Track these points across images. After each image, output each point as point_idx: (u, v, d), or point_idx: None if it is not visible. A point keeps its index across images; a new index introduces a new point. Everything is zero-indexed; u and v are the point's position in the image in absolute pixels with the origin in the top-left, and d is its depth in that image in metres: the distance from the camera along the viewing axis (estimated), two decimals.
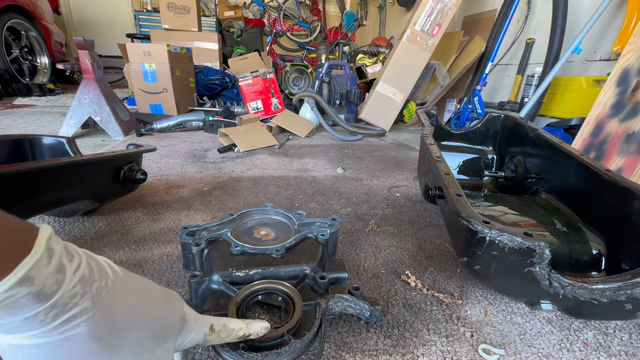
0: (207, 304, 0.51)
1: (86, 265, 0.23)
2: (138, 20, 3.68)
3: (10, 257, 0.19)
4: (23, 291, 0.19)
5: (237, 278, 0.55)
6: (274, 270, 0.57)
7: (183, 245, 0.64)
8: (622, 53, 1.27)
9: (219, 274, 0.55)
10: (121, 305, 0.25)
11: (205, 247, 0.61)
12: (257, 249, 0.61)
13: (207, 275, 0.55)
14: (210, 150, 1.64)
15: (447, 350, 0.53)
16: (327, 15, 5.56)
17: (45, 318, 0.21)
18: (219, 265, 0.56)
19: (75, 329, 0.22)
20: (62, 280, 0.21)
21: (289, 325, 0.44)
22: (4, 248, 0.19)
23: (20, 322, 0.20)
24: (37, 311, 0.20)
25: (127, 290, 0.26)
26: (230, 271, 0.55)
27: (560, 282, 0.49)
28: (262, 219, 0.73)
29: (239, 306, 0.48)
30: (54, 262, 0.21)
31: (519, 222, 0.77)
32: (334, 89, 2.43)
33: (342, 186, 1.24)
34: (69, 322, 0.22)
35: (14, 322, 0.20)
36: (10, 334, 0.21)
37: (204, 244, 0.60)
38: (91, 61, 1.68)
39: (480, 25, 2.56)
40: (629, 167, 1.12)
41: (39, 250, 0.21)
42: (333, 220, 0.70)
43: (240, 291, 0.50)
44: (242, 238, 0.64)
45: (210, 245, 0.61)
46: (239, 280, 0.55)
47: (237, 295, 0.49)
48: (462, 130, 1.16)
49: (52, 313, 0.21)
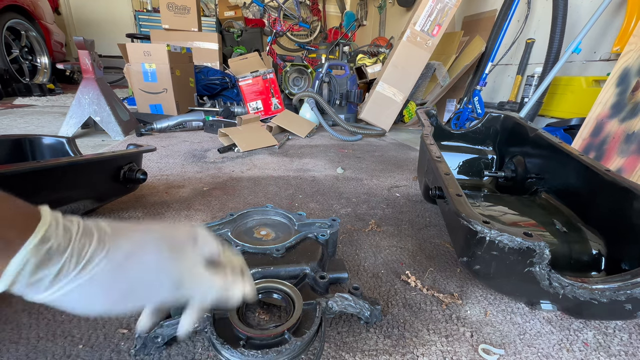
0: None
1: (83, 224, 0.29)
2: (138, 20, 3.68)
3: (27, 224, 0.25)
4: (45, 247, 0.25)
5: None
6: (274, 269, 0.57)
7: None
8: (622, 53, 1.27)
9: None
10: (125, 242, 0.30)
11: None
12: (258, 249, 0.61)
13: None
14: (210, 150, 1.64)
15: (447, 350, 0.53)
16: (327, 15, 5.56)
17: (69, 267, 0.26)
18: None
19: (95, 268, 0.27)
20: (70, 236, 0.27)
21: (290, 324, 0.44)
22: (21, 218, 0.25)
23: (53, 276, 0.26)
24: (61, 263, 0.26)
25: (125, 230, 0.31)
26: None
27: (560, 282, 0.49)
28: (263, 219, 0.73)
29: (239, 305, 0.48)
30: (60, 225, 0.27)
31: (518, 222, 0.77)
32: (334, 89, 2.43)
33: (342, 186, 1.24)
34: (88, 264, 0.27)
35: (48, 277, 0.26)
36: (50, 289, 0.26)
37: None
38: (91, 61, 1.68)
39: (480, 25, 2.56)
40: (629, 167, 1.12)
41: (46, 218, 0.26)
42: (333, 221, 0.70)
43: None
44: (242, 238, 0.64)
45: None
46: None
47: None
48: (462, 131, 1.16)
49: (72, 261, 0.26)
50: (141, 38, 3.39)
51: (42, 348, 0.49)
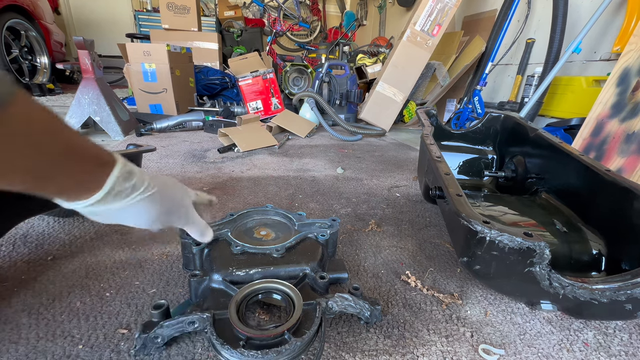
0: (207, 302, 0.52)
1: (139, 169, 0.41)
2: (138, 20, 3.68)
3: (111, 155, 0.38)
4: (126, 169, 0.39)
5: (238, 277, 0.55)
6: (274, 269, 0.57)
7: (183, 245, 0.64)
8: (622, 53, 1.27)
9: (219, 274, 0.55)
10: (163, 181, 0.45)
11: (205, 247, 0.61)
12: (258, 249, 0.60)
13: (207, 274, 0.55)
14: (210, 150, 1.64)
15: (447, 350, 0.53)
16: (327, 15, 5.56)
17: (139, 185, 0.40)
18: (219, 265, 0.56)
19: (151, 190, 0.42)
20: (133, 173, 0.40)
21: (290, 324, 0.44)
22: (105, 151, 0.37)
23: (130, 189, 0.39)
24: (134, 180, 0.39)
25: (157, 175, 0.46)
26: (231, 270, 0.55)
27: (560, 282, 0.49)
28: (262, 220, 0.73)
29: (239, 305, 0.48)
30: (128, 165, 0.39)
31: (519, 222, 0.77)
32: (334, 89, 2.43)
33: (342, 186, 1.24)
34: (148, 187, 0.41)
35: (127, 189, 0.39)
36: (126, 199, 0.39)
37: (204, 244, 0.60)
38: (91, 61, 1.68)
39: (480, 25, 2.56)
40: (629, 167, 1.12)
41: (120, 159, 0.38)
42: (333, 221, 0.70)
43: (241, 290, 0.50)
44: (242, 238, 0.64)
45: (211, 245, 0.61)
46: (239, 280, 0.55)
47: (238, 294, 0.49)
48: (462, 130, 1.16)
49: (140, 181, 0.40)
50: (141, 38, 3.39)
51: (42, 348, 0.49)
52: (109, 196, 0.37)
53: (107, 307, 0.58)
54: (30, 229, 0.81)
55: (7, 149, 0.27)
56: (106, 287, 0.62)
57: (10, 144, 0.27)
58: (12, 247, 0.73)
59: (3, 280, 0.62)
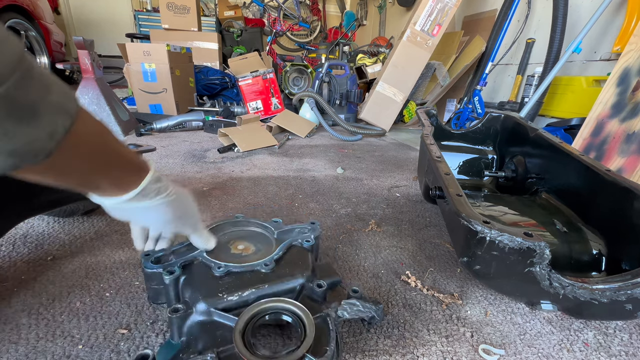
0: (202, 342, 0.44)
1: (166, 178, 0.47)
2: (138, 20, 3.68)
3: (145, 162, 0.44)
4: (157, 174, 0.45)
5: (231, 303, 0.48)
6: (269, 287, 0.51)
7: (148, 276, 0.54)
8: (623, 53, 1.27)
9: (207, 303, 0.47)
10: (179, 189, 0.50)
11: (180, 275, 0.52)
12: (244, 267, 0.53)
13: (191, 306, 0.48)
14: (210, 150, 1.64)
15: (447, 350, 0.53)
16: (327, 15, 5.55)
17: (163, 189, 0.46)
18: (204, 293, 0.48)
19: (172, 195, 0.47)
20: (161, 180, 0.46)
21: (307, 345, 0.41)
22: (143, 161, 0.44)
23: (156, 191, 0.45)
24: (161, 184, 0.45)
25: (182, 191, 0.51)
26: (221, 297, 0.48)
27: (561, 282, 0.49)
28: (236, 232, 0.65)
29: (243, 334, 0.43)
30: (157, 172, 0.45)
31: (519, 222, 0.77)
32: (334, 89, 2.43)
33: (342, 186, 1.24)
34: (171, 192, 0.47)
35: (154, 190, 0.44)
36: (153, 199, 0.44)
37: (178, 271, 0.52)
38: (91, 61, 1.68)
39: (480, 25, 2.56)
40: (629, 167, 1.12)
41: (152, 166, 0.45)
42: (312, 224, 0.66)
43: (241, 317, 0.45)
44: (219, 257, 0.55)
45: (185, 271, 0.53)
46: (233, 306, 0.48)
47: (238, 322, 0.44)
48: (462, 130, 1.16)
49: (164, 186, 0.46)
50: (141, 38, 3.38)
51: (42, 348, 0.49)
52: (139, 195, 0.42)
53: (107, 307, 0.58)
54: (30, 229, 0.81)
55: (72, 156, 0.32)
56: (106, 287, 0.62)
57: (76, 153, 0.33)
58: (12, 247, 0.73)
59: (3, 280, 0.62)
